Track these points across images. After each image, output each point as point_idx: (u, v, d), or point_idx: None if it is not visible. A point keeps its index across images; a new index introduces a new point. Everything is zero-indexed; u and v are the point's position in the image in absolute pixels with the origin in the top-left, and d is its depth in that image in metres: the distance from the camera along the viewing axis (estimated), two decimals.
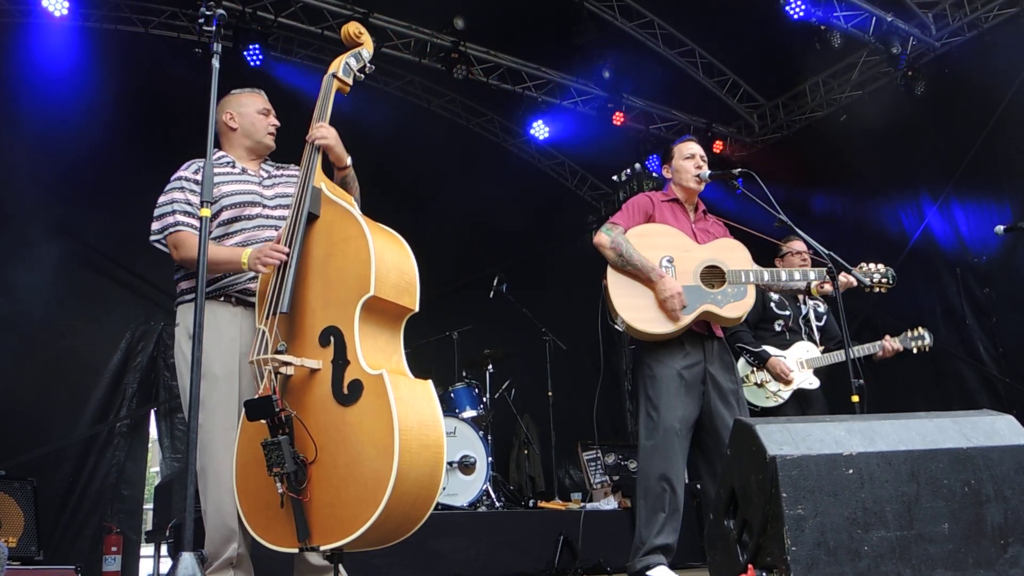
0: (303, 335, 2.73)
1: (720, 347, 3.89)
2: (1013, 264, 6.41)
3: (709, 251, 3.85)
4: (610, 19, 7.87)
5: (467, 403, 6.33)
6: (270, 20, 7.18)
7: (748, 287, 3.78)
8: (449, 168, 8.65)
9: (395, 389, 2.50)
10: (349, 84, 3.20)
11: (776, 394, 4.78)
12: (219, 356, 2.93)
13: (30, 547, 5.23)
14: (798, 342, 4.91)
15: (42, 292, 6.54)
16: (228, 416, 2.86)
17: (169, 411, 7.07)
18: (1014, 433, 2.36)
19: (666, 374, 3.70)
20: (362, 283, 2.63)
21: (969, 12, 6.97)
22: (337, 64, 3.20)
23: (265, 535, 2.65)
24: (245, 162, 3.24)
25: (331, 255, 2.76)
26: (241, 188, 3.13)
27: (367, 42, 3.31)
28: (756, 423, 2.21)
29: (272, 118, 3.28)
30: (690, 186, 3.99)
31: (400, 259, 2.79)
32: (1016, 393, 6.27)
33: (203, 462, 2.86)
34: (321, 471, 2.54)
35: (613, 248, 3.75)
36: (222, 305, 3.02)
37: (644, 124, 8.78)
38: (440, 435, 2.61)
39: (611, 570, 4.93)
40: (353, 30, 3.29)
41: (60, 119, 6.83)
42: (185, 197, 3.03)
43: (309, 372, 2.66)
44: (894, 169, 7.35)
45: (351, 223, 2.75)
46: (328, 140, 3.01)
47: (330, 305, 2.70)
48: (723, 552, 2.29)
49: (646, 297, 3.71)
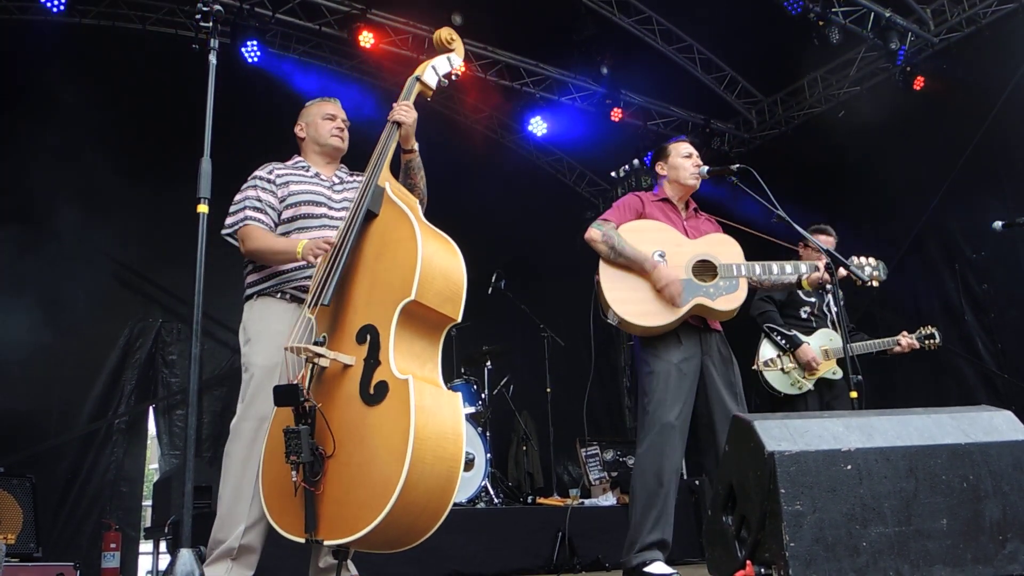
0: (343, 330, 2.73)
1: (718, 340, 3.89)
2: (1011, 260, 6.41)
3: (700, 245, 3.85)
4: (608, 15, 7.86)
5: (465, 399, 6.32)
6: (268, 16, 7.16)
7: (741, 280, 3.79)
8: (446, 164, 8.59)
9: (418, 396, 2.47)
10: (432, 89, 3.28)
11: (801, 382, 4.79)
12: (263, 348, 3.04)
13: (29, 544, 5.22)
14: (821, 329, 4.93)
15: (40, 289, 6.53)
16: (263, 406, 2.89)
17: (168, 408, 7.07)
18: (1012, 429, 2.36)
19: (663, 369, 3.70)
20: (405, 286, 2.61)
21: (967, 8, 6.97)
22: (422, 68, 3.26)
23: (279, 520, 2.66)
24: (320, 167, 3.37)
25: (381, 255, 2.76)
26: (308, 188, 3.25)
27: (459, 48, 3.35)
28: (754, 419, 2.22)
29: (339, 121, 3.39)
30: (688, 183, 3.99)
31: (449, 267, 2.76)
32: (1014, 389, 6.28)
33: (230, 447, 2.97)
34: (336, 467, 2.54)
35: (604, 241, 3.74)
36: (277, 301, 3.14)
37: (642, 120, 8.78)
38: (459, 450, 2.57)
39: (609, 566, 4.94)
40: (445, 35, 3.34)
41: (57, 115, 6.82)
42: (256, 194, 3.18)
43: (342, 367, 2.65)
44: (892, 165, 7.34)
45: (405, 225, 2.73)
46: (406, 119, 3.13)
47: (372, 304, 2.69)
48: (721, 548, 2.29)
49: (639, 290, 3.70)
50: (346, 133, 3.42)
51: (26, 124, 6.74)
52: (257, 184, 3.21)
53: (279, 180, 3.22)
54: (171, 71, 6.47)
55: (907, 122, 7.25)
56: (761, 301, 5.00)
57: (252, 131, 6.00)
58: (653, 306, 3.69)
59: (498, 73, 8.21)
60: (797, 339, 4.80)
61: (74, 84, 6.83)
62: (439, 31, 3.34)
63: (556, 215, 9.48)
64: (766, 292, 4.91)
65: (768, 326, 4.85)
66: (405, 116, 3.13)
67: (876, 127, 7.43)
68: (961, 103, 6.87)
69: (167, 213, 6.68)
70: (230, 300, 3.24)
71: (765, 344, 4.87)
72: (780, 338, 4.82)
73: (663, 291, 3.66)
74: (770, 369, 4.77)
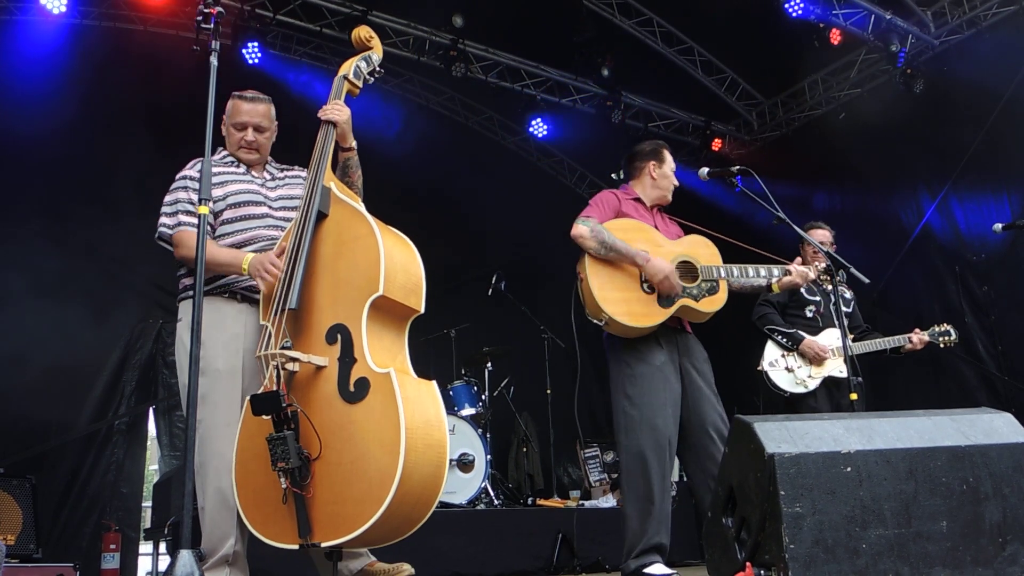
0: (310, 332, 2.73)
1: (692, 340, 3.89)
2: (1012, 262, 6.41)
3: (681, 247, 3.85)
4: (609, 17, 7.87)
5: (466, 401, 6.33)
6: (269, 17, 7.17)
7: (721, 283, 3.79)
8: (447, 166, 8.64)
9: (402, 388, 2.51)
10: (359, 87, 3.26)
11: (806, 380, 4.78)
12: (222, 352, 2.94)
13: (28, 545, 5.22)
14: (828, 328, 4.89)
15: (41, 289, 6.53)
16: (230, 412, 2.86)
17: (168, 409, 7.07)
18: (1012, 431, 2.36)
19: (646, 371, 3.68)
20: (371, 282, 2.64)
21: (968, 10, 6.96)
22: (348, 66, 3.24)
23: (265, 531, 2.65)
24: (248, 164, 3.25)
25: (340, 254, 2.77)
26: (244, 188, 3.15)
27: (377, 46, 3.35)
28: (754, 421, 2.21)
29: (249, 132, 3.19)
30: (668, 197, 4.05)
31: (407, 260, 2.80)
32: (1015, 391, 6.28)
33: (202, 458, 2.86)
34: (325, 468, 2.54)
35: (594, 237, 3.70)
36: (227, 301, 3.05)
37: (643, 122, 8.77)
38: (443, 435, 2.61)
39: (609, 568, 4.93)
40: (364, 34, 3.34)
41: (58, 117, 6.82)
42: (188, 196, 3.06)
43: (315, 369, 2.66)
44: (893, 167, 7.35)
45: (361, 222, 2.76)
46: (340, 117, 3.07)
47: (338, 303, 2.71)
48: (721, 550, 2.29)
49: (628, 290, 3.68)
50: (261, 140, 3.21)
51: (26, 125, 6.74)
52: (187, 185, 3.08)
53: (213, 180, 3.04)
54: (172, 73, 6.47)
55: (907, 124, 7.25)
56: (760, 305, 5.00)
57: None
58: (640, 307, 3.68)
59: (499, 75, 8.21)
60: (798, 335, 4.80)
61: (74, 85, 6.83)
62: (357, 30, 3.37)
63: (557, 217, 9.38)
64: (765, 296, 4.91)
65: (769, 328, 4.85)
66: (338, 115, 3.08)
67: (877, 129, 7.43)
68: (962, 105, 6.87)
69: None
70: None
71: (769, 346, 4.87)
72: (781, 337, 4.82)
73: (662, 283, 3.65)
74: (775, 369, 4.78)
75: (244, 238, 3.07)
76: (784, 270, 3.90)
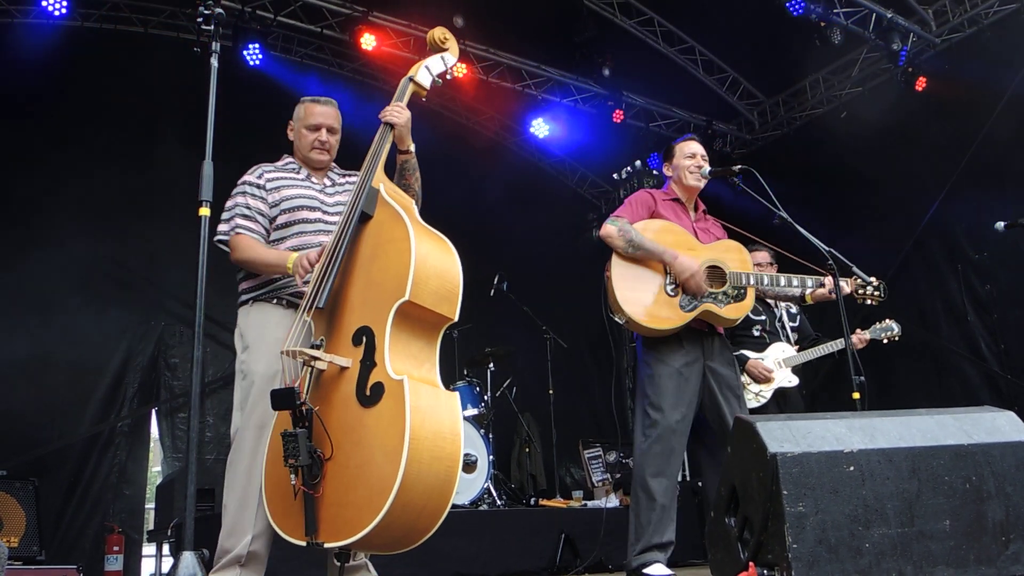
0: (340, 332, 2.72)
1: (721, 343, 3.88)
2: (1014, 260, 6.39)
3: (711, 251, 3.84)
4: (610, 16, 7.87)
5: (468, 401, 6.32)
6: (269, 19, 7.18)
7: (748, 289, 3.78)
8: (449, 166, 8.63)
9: (414, 396, 2.46)
10: (427, 89, 3.21)
11: (758, 395, 4.92)
12: (263, 356, 3.00)
13: (32, 547, 5.24)
14: (775, 343, 5.07)
15: (43, 292, 6.54)
16: (264, 414, 2.88)
17: (170, 411, 7.08)
18: (1015, 429, 2.36)
19: (665, 372, 3.70)
20: (399, 287, 2.60)
21: (969, 8, 6.96)
22: (415, 69, 3.20)
23: (281, 523, 2.66)
24: (310, 170, 3.29)
25: (376, 256, 2.75)
26: (300, 193, 3.18)
27: (453, 47, 3.27)
28: (757, 420, 2.21)
29: (322, 133, 3.23)
30: (691, 184, 3.98)
31: (444, 266, 2.75)
32: (1017, 389, 6.27)
33: (234, 457, 2.94)
34: (335, 469, 2.53)
35: (622, 235, 3.70)
36: (274, 307, 3.10)
37: (644, 121, 8.77)
38: (456, 449, 2.55)
39: (612, 568, 4.93)
40: (439, 35, 3.26)
41: (59, 119, 6.83)
42: (245, 201, 3.12)
43: (339, 370, 2.65)
44: (895, 166, 7.33)
45: (399, 226, 2.72)
46: (399, 120, 3.07)
47: (367, 305, 2.68)
48: (724, 550, 2.29)
49: (650, 291, 3.69)
50: (333, 141, 3.28)
51: (27, 127, 6.75)
52: (246, 191, 3.14)
53: (269, 185, 3.15)
54: (173, 74, 6.48)
55: (909, 123, 7.24)
56: None
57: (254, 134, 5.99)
58: (660, 309, 3.68)
59: (500, 75, 8.22)
60: (742, 357, 4.90)
61: (74, 87, 6.84)
62: (433, 31, 3.28)
63: (558, 217, 9.48)
64: None
65: None
66: (397, 117, 3.08)
67: (878, 128, 7.42)
68: (963, 103, 6.86)
69: (169, 216, 6.69)
70: (232, 303, 3.23)
71: None
72: None
73: (688, 281, 3.66)
74: None
75: (295, 243, 3.10)
76: (818, 282, 3.89)
